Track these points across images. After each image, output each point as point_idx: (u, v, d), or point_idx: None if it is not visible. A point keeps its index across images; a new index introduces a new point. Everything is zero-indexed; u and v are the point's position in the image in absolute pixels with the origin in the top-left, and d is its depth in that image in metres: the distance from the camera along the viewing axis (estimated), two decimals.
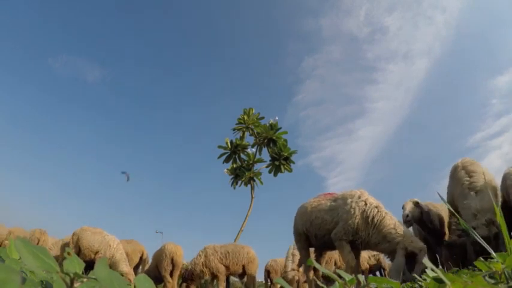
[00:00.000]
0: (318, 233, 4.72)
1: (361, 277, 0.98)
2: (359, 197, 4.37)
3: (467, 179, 4.20)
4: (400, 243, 3.84)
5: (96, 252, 7.10)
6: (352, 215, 4.24)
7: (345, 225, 4.25)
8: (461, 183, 4.22)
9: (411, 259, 3.78)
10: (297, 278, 6.52)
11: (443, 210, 5.16)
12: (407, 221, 4.81)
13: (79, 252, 7.11)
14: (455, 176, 4.43)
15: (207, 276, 7.61)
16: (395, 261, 3.81)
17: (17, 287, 0.36)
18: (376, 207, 4.23)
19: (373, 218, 4.11)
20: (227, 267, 7.44)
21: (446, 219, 5.17)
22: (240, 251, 7.59)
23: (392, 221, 4.04)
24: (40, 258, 0.50)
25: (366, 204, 4.26)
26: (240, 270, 7.58)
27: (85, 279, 0.56)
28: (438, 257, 5.22)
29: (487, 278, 0.87)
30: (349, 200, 4.39)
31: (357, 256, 4.82)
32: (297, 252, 6.41)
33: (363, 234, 4.16)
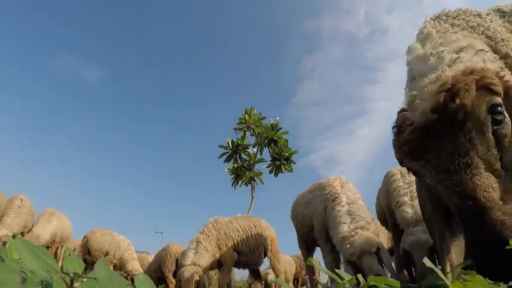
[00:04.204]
0: (303, 230, 4.15)
1: (361, 277, 0.98)
2: (325, 188, 3.61)
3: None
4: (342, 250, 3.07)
5: (106, 253, 7.16)
6: (316, 211, 3.63)
7: (315, 222, 3.67)
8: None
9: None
10: (197, 277, 4.12)
11: None
12: None
13: (89, 253, 7.19)
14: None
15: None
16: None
17: (17, 287, 0.36)
18: (335, 199, 3.34)
19: (329, 212, 3.36)
20: None
21: None
22: None
23: (337, 219, 3.19)
24: (40, 258, 0.50)
25: (327, 195, 3.50)
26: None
27: (85, 279, 0.56)
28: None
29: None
30: (318, 192, 3.74)
31: None
32: (205, 240, 4.43)
33: None
